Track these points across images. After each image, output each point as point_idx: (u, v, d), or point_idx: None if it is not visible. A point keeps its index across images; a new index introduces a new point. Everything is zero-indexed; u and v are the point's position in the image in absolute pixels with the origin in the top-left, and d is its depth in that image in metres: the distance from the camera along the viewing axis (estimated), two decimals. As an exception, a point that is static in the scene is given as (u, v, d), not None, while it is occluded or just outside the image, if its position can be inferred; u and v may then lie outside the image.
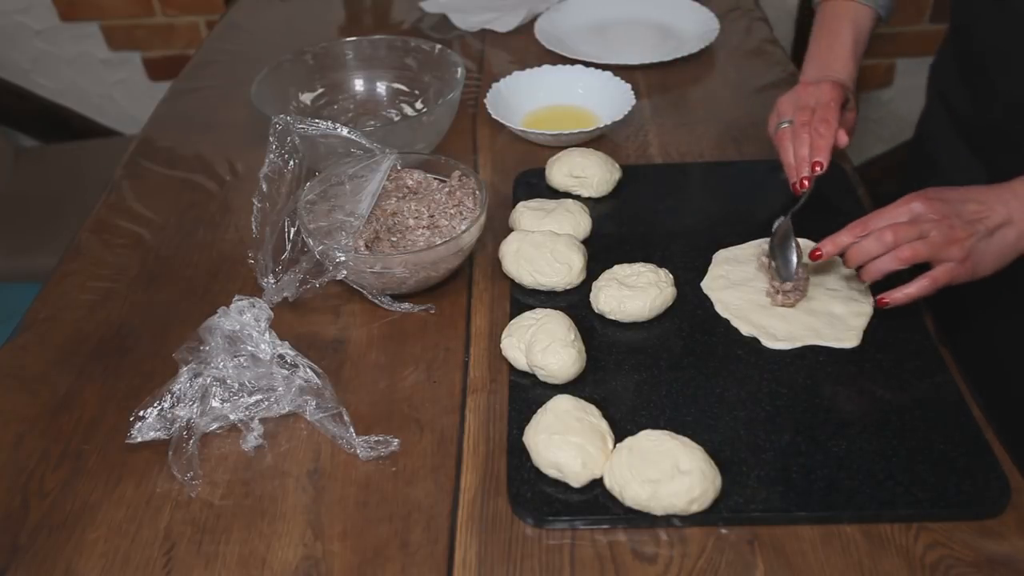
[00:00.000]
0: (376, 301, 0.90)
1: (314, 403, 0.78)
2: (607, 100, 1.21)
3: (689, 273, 0.92)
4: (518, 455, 0.75)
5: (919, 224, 0.78)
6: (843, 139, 0.92)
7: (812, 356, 0.83)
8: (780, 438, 0.75)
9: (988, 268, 0.80)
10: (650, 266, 0.89)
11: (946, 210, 0.78)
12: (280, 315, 0.87)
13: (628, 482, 0.69)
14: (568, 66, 1.28)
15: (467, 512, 0.72)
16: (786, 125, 0.94)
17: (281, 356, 0.79)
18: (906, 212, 0.79)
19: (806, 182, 0.91)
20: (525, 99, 1.24)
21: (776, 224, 0.90)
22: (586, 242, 0.96)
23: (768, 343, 0.84)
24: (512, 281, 0.93)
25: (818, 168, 0.90)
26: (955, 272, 0.78)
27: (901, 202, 0.80)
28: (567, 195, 1.05)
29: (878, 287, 0.83)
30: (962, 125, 1.01)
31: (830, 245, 0.82)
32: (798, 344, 0.83)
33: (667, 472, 0.69)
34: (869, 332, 0.84)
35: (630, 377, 0.82)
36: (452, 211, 0.94)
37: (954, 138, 1.02)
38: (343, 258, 0.85)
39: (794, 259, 0.87)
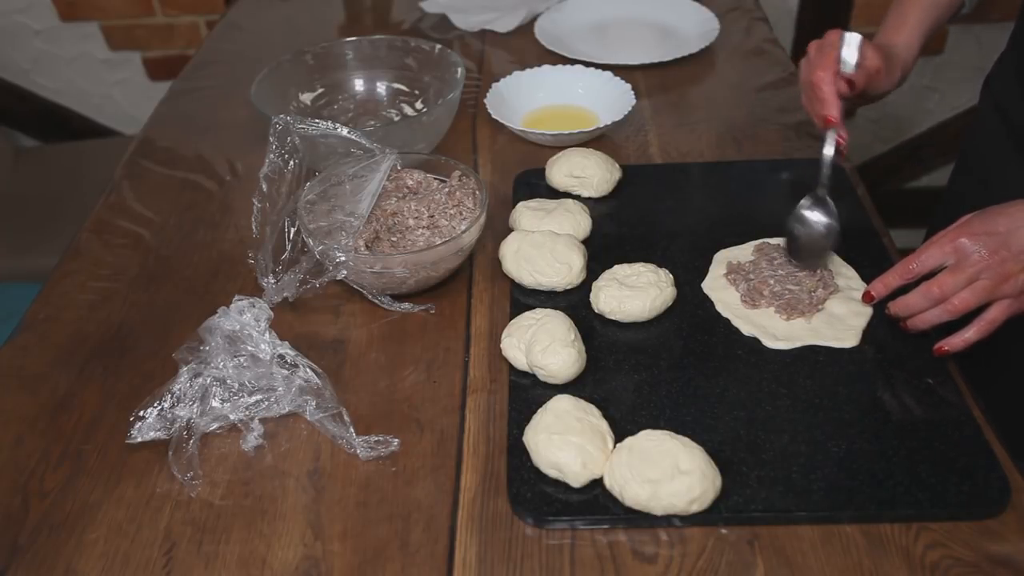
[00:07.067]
0: (376, 301, 0.90)
1: (314, 403, 0.78)
2: (607, 100, 1.21)
3: (689, 273, 0.92)
4: (518, 455, 0.75)
5: (965, 269, 0.76)
6: (842, 86, 0.90)
7: (812, 356, 0.83)
8: (780, 438, 0.75)
9: None
10: (650, 266, 0.89)
11: (995, 243, 0.75)
12: (280, 315, 0.88)
13: (628, 482, 0.69)
14: (568, 66, 1.28)
15: (467, 512, 0.72)
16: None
17: (281, 356, 0.79)
18: (952, 252, 0.76)
19: (840, 138, 0.89)
20: (525, 99, 1.24)
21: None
22: (586, 242, 0.96)
23: (768, 343, 0.84)
24: (512, 281, 0.93)
25: (831, 121, 0.89)
26: (1012, 308, 0.77)
27: (947, 238, 0.77)
28: (567, 195, 1.05)
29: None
30: (1019, 138, 0.97)
31: (880, 286, 0.82)
32: (798, 344, 0.83)
33: (667, 472, 0.69)
34: (869, 332, 0.84)
35: (630, 377, 0.82)
36: (452, 211, 0.94)
37: (1009, 151, 0.98)
38: (343, 258, 0.85)
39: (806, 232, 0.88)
